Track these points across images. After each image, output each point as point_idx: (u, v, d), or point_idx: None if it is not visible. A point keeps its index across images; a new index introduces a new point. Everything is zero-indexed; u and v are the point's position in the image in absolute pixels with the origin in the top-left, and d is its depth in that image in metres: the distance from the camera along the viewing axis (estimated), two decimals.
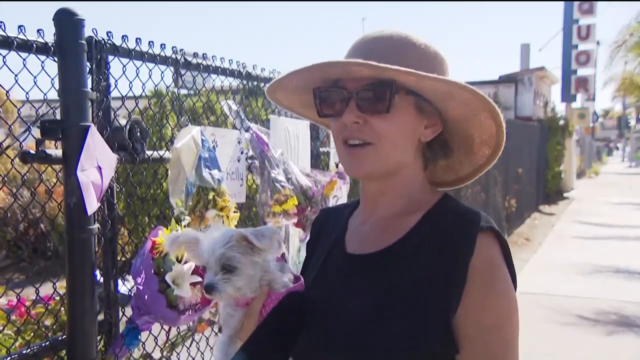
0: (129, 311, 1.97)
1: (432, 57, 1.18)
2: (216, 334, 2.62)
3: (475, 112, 1.18)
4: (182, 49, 2.29)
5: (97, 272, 1.90)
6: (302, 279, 1.24)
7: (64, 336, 1.86)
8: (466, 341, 1.08)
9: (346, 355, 1.10)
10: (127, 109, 2.17)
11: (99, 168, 1.76)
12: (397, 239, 1.18)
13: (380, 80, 1.11)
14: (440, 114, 1.20)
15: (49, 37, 1.74)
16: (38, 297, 2.00)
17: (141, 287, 1.82)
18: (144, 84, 2.21)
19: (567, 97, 21.77)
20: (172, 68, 2.28)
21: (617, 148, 70.09)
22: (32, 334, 2.00)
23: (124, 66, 2.05)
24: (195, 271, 1.86)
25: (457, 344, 1.08)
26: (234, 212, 2.18)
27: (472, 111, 1.18)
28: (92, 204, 1.70)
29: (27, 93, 1.75)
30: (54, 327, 2.12)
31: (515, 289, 1.15)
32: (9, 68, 1.66)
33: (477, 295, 1.08)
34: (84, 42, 1.77)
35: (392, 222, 1.22)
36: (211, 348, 2.76)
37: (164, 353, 2.25)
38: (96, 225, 1.85)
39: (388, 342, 1.07)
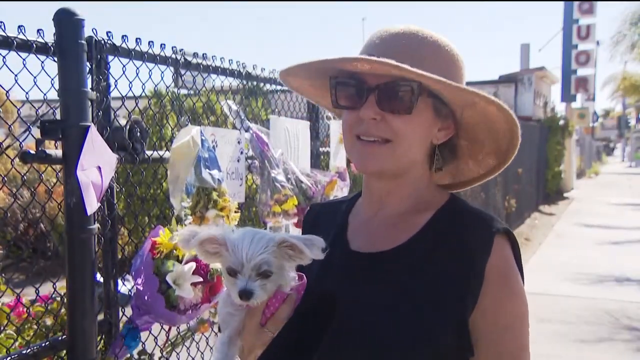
0: (129, 311, 1.97)
1: (455, 60, 1.16)
2: (216, 334, 2.62)
3: (492, 122, 1.16)
4: (182, 49, 2.29)
5: (97, 273, 1.90)
6: (304, 277, 1.19)
7: (64, 336, 1.85)
8: (481, 341, 1.09)
9: (362, 353, 1.09)
10: (127, 109, 2.16)
11: (99, 168, 1.75)
12: (409, 237, 1.17)
13: (405, 80, 1.08)
14: (455, 118, 1.19)
15: (49, 37, 1.73)
16: (38, 297, 2.00)
17: (141, 288, 1.82)
18: (143, 84, 2.21)
19: (567, 97, 21.77)
20: (172, 68, 2.28)
21: (616, 148, 69.96)
22: (32, 334, 2.00)
23: (124, 66, 2.05)
24: (196, 271, 1.86)
25: (472, 344, 1.09)
26: (235, 212, 2.18)
27: (489, 121, 1.16)
28: (92, 204, 1.70)
29: (27, 93, 1.75)
30: (54, 327, 2.12)
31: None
32: (9, 68, 1.66)
33: (493, 296, 1.09)
34: (83, 42, 1.77)
35: (401, 220, 1.20)
36: (211, 348, 2.76)
37: (164, 353, 2.24)
38: (96, 225, 1.85)
39: (404, 341, 1.07)
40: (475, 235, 1.12)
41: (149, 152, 2.11)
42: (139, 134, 2.02)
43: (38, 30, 1.71)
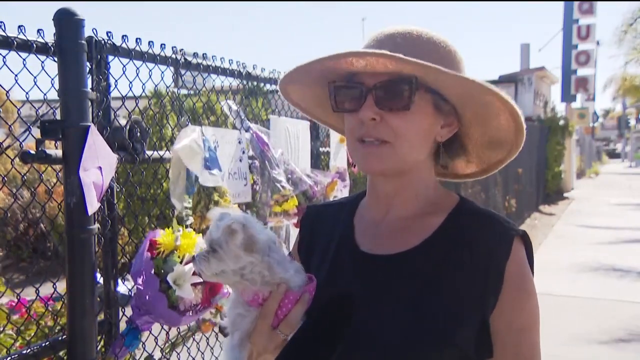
0: (129, 311, 1.96)
1: (453, 56, 1.15)
2: (217, 334, 2.62)
3: (495, 113, 1.15)
4: (182, 49, 2.29)
5: (97, 273, 1.90)
6: (314, 279, 1.17)
7: (64, 336, 1.85)
8: (498, 344, 1.09)
9: (378, 355, 1.08)
10: (127, 109, 2.16)
11: (99, 168, 1.75)
12: (423, 239, 1.16)
13: (401, 76, 1.08)
14: (457, 114, 1.17)
15: (49, 37, 1.73)
16: (38, 297, 2.00)
17: (142, 288, 1.82)
18: (144, 84, 2.21)
19: (567, 97, 21.79)
20: (172, 68, 2.28)
21: (616, 148, 69.94)
22: (32, 334, 2.00)
23: (124, 66, 2.05)
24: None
25: (491, 347, 1.09)
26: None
27: (491, 112, 1.15)
28: (93, 204, 1.70)
29: (27, 93, 1.74)
30: (54, 327, 2.12)
31: None
32: (9, 68, 1.66)
33: (511, 298, 1.09)
34: (83, 42, 1.76)
35: (412, 223, 1.19)
36: (212, 348, 2.75)
37: (164, 353, 2.24)
38: (96, 225, 1.85)
39: (423, 343, 1.06)
40: (494, 237, 1.12)
41: (149, 152, 2.11)
42: (139, 134, 2.02)
43: (38, 30, 1.71)
